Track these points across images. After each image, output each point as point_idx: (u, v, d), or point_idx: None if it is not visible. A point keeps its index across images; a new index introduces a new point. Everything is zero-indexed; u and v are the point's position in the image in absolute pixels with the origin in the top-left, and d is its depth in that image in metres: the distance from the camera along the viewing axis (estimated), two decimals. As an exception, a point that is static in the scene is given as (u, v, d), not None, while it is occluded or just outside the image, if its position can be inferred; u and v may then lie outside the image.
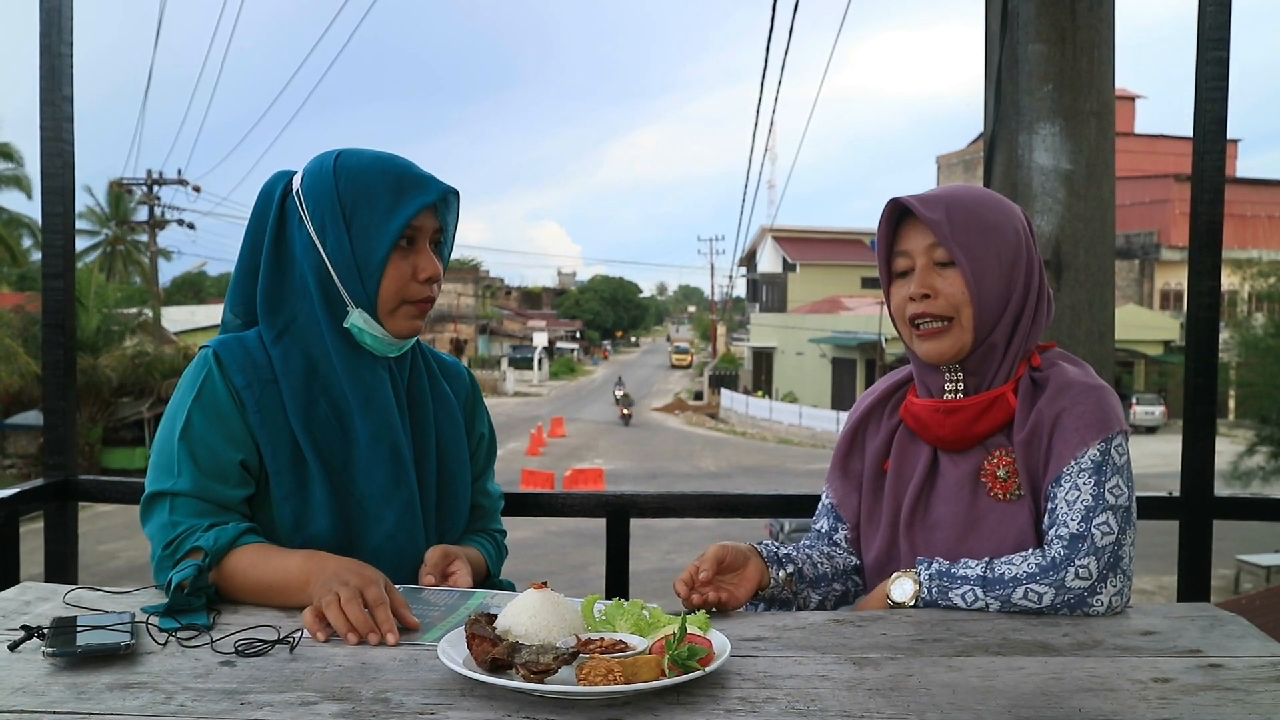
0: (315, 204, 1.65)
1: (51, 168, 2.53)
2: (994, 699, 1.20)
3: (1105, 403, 1.61)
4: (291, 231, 1.68)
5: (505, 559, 1.97)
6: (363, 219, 1.64)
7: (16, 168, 28.95)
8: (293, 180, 1.70)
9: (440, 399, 1.82)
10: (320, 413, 1.66)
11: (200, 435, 1.61)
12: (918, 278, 1.66)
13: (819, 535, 1.87)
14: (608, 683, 1.15)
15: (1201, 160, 2.41)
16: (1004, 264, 1.64)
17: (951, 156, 47.67)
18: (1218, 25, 2.38)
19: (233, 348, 1.66)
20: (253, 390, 1.63)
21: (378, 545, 1.68)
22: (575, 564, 14.84)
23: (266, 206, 1.71)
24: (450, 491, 1.80)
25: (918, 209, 1.63)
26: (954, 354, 1.66)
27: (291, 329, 1.68)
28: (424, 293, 1.69)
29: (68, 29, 2.53)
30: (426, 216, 1.68)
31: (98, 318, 23.70)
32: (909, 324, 1.68)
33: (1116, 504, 1.55)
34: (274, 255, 1.69)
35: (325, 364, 1.68)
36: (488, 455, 1.95)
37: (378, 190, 1.64)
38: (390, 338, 1.69)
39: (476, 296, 59.85)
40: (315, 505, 1.64)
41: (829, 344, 39.25)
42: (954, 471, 1.68)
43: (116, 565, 14.70)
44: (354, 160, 1.66)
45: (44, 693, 1.19)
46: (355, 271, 1.64)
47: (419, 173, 1.68)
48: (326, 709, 1.15)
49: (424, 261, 1.68)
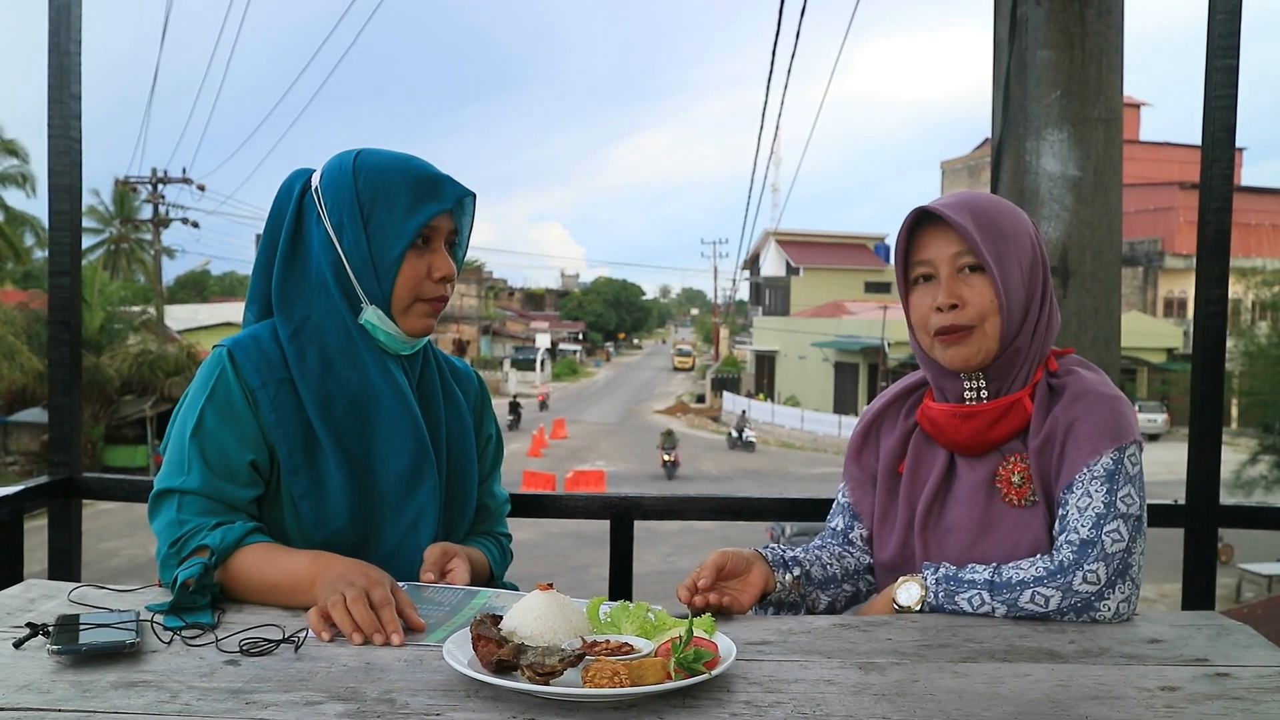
0: (334, 201, 1.66)
1: (59, 165, 2.53)
2: (1000, 705, 1.20)
3: (1120, 412, 1.60)
4: (309, 228, 1.70)
5: (510, 563, 1.97)
6: (380, 217, 1.65)
7: (21, 165, 28.97)
8: (311, 178, 1.72)
9: (450, 400, 1.83)
10: (339, 406, 1.67)
11: (211, 434, 1.61)
12: (944, 287, 1.63)
13: (834, 533, 1.86)
14: (613, 685, 1.15)
15: (1210, 168, 2.40)
16: (1024, 270, 1.64)
17: (956, 162, 47.70)
18: (1227, 34, 2.38)
19: (248, 347, 1.67)
20: (268, 390, 1.64)
21: (397, 541, 1.68)
22: (576, 565, 14.84)
23: (285, 203, 1.72)
24: (458, 491, 1.81)
25: (947, 215, 1.61)
26: (978, 361, 1.65)
27: (308, 325, 1.69)
28: (437, 291, 1.70)
29: (76, 28, 2.53)
30: (443, 218, 1.70)
31: (101, 316, 23.71)
32: (931, 334, 1.66)
33: (1128, 512, 1.55)
34: (290, 251, 1.70)
35: (341, 360, 1.69)
36: (495, 457, 1.96)
37: (396, 190, 1.65)
38: (403, 335, 1.70)
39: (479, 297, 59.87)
40: (334, 501, 1.64)
41: (832, 348, 39.24)
42: (970, 476, 1.67)
43: (117, 563, 14.72)
44: (374, 160, 1.68)
45: (49, 690, 1.19)
46: (371, 268, 1.66)
47: (438, 175, 1.69)
48: (331, 709, 1.15)
49: (439, 261, 1.70)
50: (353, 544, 1.64)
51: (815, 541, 1.85)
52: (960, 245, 1.62)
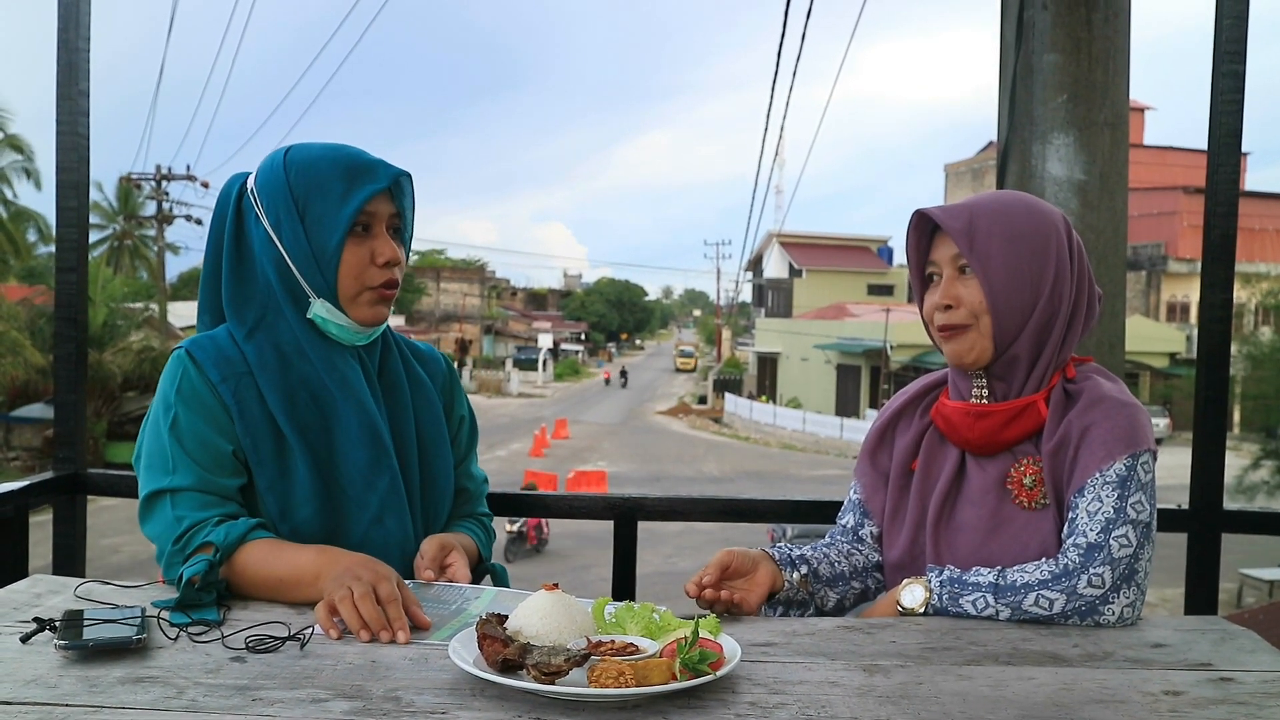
0: (269, 199, 1.66)
1: (67, 162, 2.54)
2: (1004, 708, 1.20)
3: (1136, 420, 1.61)
4: (249, 230, 1.70)
5: (494, 541, 1.99)
6: (316, 209, 1.65)
7: (26, 161, 29.00)
8: (247, 180, 1.72)
9: (416, 384, 1.83)
10: (301, 401, 1.67)
11: (189, 429, 1.61)
12: (942, 287, 1.68)
13: (844, 530, 1.87)
14: (619, 685, 1.16)
15: (1215, 173, 2.40)
16: (1030, 273, 1.64)
17: (960, 165, 47.66)
18: (1234, 38, 2.38)
19: (205, 345, 1.67)
20: (228, 384, 1.64)
21: (363, 533, 1.68)
22: (578, 565, 14.85)
23: (224, 209, 1.72)
24: (433, 476, 1.81)
25: (940, 218, 1.65)
26: (974, 358, 1.66)
27: (261, 326, 1.69)
28: (383, 277, 1.69)
29: (85, 24, 2.54)
30: (381, 202, 1.68)
31: (104, 312, 23.74)
32: (935, 330, 1.72)
33: (1137, 519, 1.55)
34: (235, 255, 1.70)
35: (298, 357, 1.69)
36: (469, 438, 1.96)
37: (328, 180, 1.65)
38: (355, 326, 1.70)
39: (482, 297, 59.89)
40: (299, 494, 1.64)
41: (834, 350, 39.22)
42: (981, 476, 1.68)
43: (119, 559, 14.72)
44: (304, 153, 1.68)
45: (56, 685, 1.19)
46: (313, 261, 1.66)
47: (369, 159, 1.69)
48: (337, 706, 1.15)
49: (381, 246, 1.68)
50: (319, 536, 1.63)
51: (823, 540, 1.85)
52: (958, 247, 1.65)
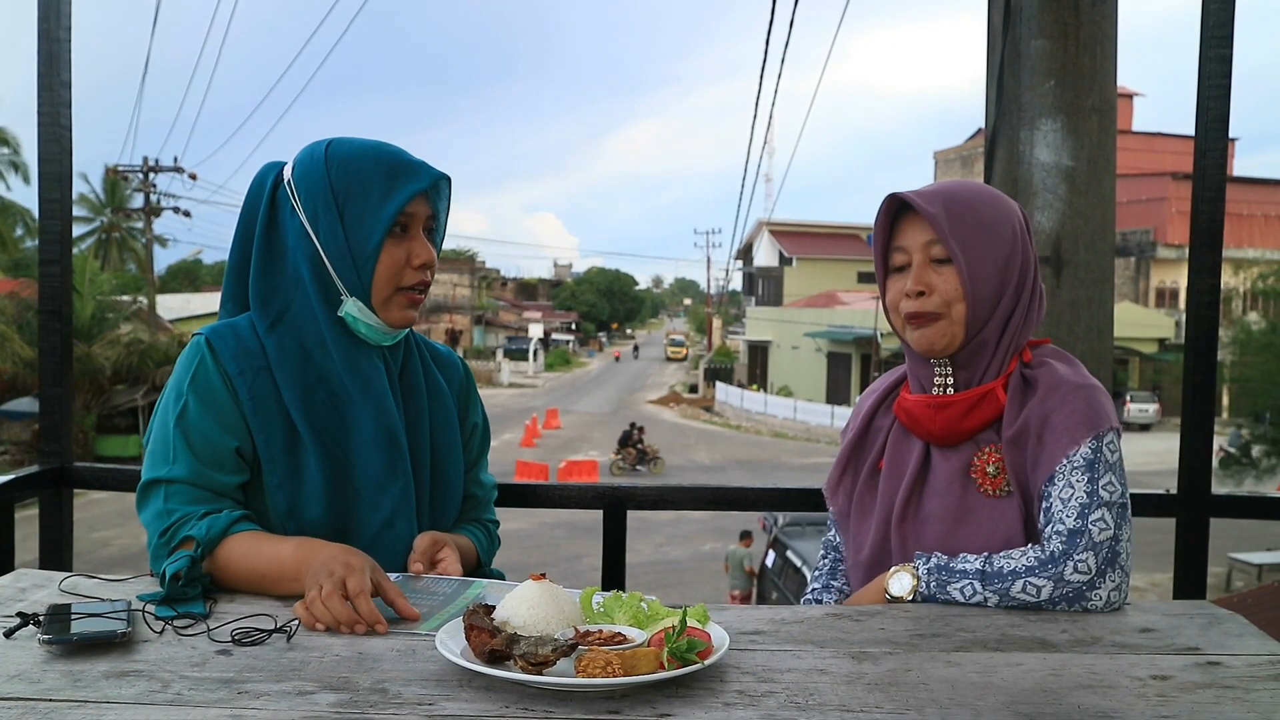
0: (307, 193, 1.64)
1: (49, 153, 2.52)
2: (993, 694, 1.20)
3: (1095, 400, 1.61)
4: (283, 222, 1.68)
5: (498, 549, 1.97)
6: (356, 207, 1.63)
7: (13, 154, 28.81)
8: (283, 170, 1.69)
9: (434, 389, 1.82)
10: (319, 399, 1.66)
11: (195, 422, 1.60)
12: (914, 274, 1.67)
13: (829, 545, 1.94)
14: (606, 675, 1.15)
15: (1203, 158, 2.40)
16: (999, 261, 1.64)
17: (949, 152, 47.67)
18: (1221, 23, 2.38)
19: (225, 335, 1.66)
20: (245, 378, 1.63)
21: (374, 534, 1.67)
22: (569, 555, 14.86)
23: (258, 198, 1.70)
24: (443, 481, 1.80)
25: (917, 203, 1.64)
26: (944, 346, 1.66)
27: (285, 319, 1.68)
28: (418, 278, 1.69)
29: (66, 14, 2.51)
30: (419, 203, 1.67)
31: (92, 305, 23.64)
32: (902, 317, 1.70)
33: (1111, 500, 1.56)
34: (266, 246, 1.68)
35: (320, 353, 1.67)
36: (481, 445, 1.95)
37: (370, 178, 1.63)
38: (385, 326, 1.69)
39: (472, 287, 59.79)
40: (310, 492, 1.63)
41: (824, 338, 39.27)
42: (945, 466, 1.68)
43: (109, 553, 14.70)
44: (346, 148, 1.66)
45: (40, 680, 1.18)
46: (349, 259, 1.64)
47: (411, 159, 1.67)
48: (323, 699, 1.15)
49: (418, 248, 1.68)
50: (328, 536, 1.62)
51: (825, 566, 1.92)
52: (932, 234, 1.65)
